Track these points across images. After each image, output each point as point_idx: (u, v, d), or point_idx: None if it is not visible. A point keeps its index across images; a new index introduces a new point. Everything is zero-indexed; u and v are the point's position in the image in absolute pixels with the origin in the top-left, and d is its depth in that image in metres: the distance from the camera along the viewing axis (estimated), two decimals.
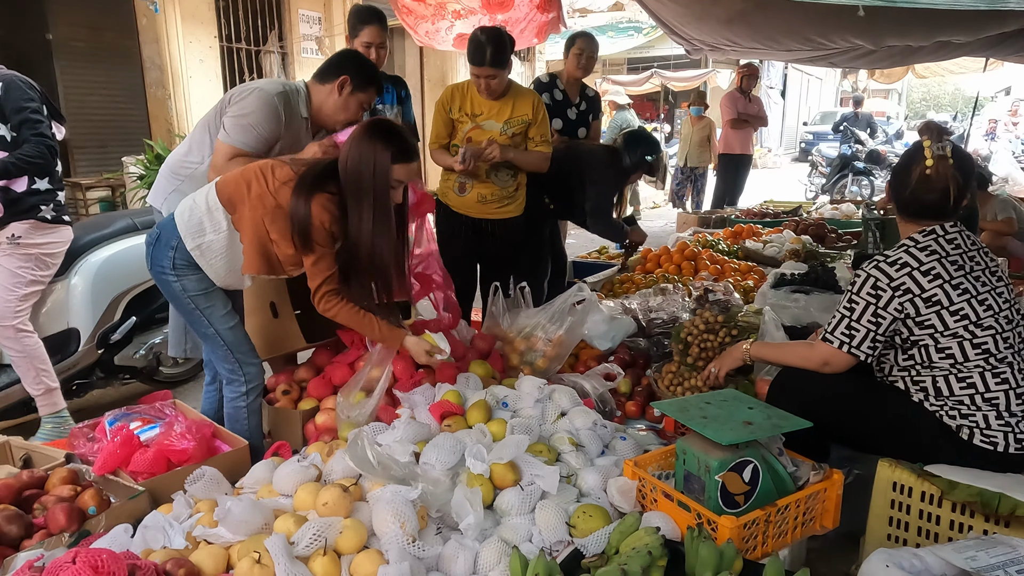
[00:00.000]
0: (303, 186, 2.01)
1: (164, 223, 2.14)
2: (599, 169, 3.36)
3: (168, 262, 2.09)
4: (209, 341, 2.20)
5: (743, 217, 6.28)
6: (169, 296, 2.18)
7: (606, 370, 2.61)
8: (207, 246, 2.08)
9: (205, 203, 2.09)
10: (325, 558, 1.48)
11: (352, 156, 2.03)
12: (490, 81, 2.88)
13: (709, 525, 1.58)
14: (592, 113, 3.79)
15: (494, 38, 2.86)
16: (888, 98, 27.12)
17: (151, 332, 3.25)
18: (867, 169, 10.94)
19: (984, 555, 1.39)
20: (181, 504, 1.79)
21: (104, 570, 1.23)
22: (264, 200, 2.05)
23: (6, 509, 1.75)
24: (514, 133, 2.99)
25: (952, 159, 1.79)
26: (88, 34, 7.57)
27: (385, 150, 2.02)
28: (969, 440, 1.75)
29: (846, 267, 3.87)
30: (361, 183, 2.03)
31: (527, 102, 3.01)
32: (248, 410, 2.25)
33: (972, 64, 9.10)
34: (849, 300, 1.85)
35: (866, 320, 1.82)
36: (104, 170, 7.64)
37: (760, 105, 7.53)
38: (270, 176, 2.06)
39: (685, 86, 16.89)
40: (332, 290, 2.11)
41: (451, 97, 3.03)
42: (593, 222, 3.47)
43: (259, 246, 2.09)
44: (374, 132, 2.06)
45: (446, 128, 3.04)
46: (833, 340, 1.87)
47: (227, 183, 2.10)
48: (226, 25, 8.38)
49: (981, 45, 5.51)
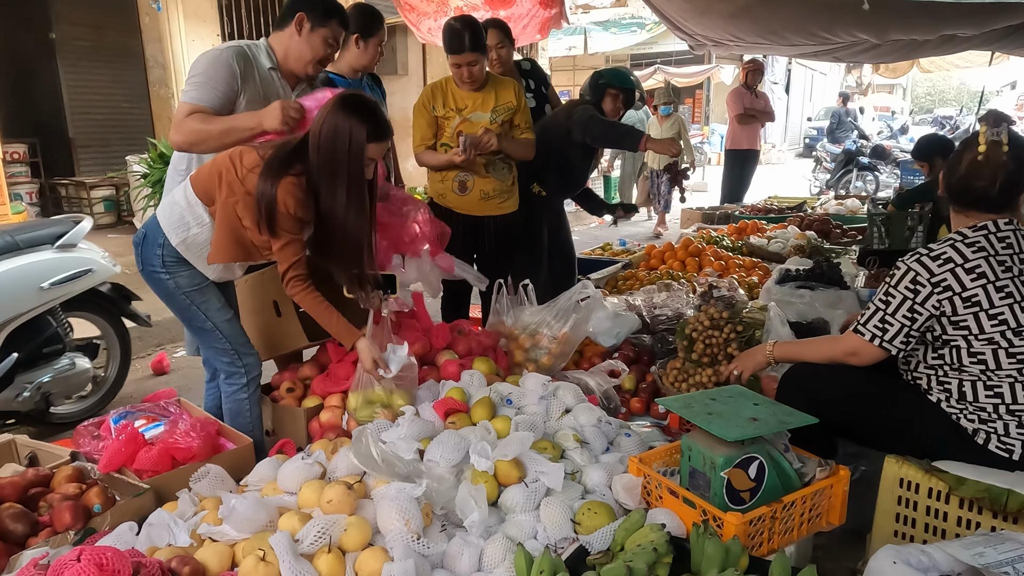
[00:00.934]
0: (269, 171, 1.97)
1: (148, 222, 2.14)
2: (567, 114, 3.28)
3: (158, 260, 2.09)
4: (207, 336, 2.20)
5: (747, 213, 6.26)
6: (163, 295, 2.18)
7: (610, 367, 2.61)
8: (192, 240, 2.08)
9: (184, 198, 2.09)
10: (330, 555, 1.48)
11: (326, 131, 1.96)
12: (472, 68, 2.83)
13: (715, 522, 1.57)
14: (541, 84, 3.64)
15: (469, 23, 2.83)
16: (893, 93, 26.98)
17: (38, 370, 2.85)
18: (871, 164, 10.90)
19: (992, 551, 1.38)
20: (186, 502, 1.79)
21: (109, 568, 1.23)
22: (234, 187, 2.03)
23: (12, 507, 1.76)
24: (503, 121, 2.96)
25: (1008, 146, 1.70)
26: (91, 33, 7.59)
27: (361, 126, 1.96)
28: (984, 445, 1.71)
29: (851, 263, 3.86)
30: (336, 159, 1.97)
31: (508, 89, 2.98)
32: (250, 402, 2.26)
33: (978, 58, 9.05)
34: (886, 293, 1.78)
35: (901, 315, 1.75)
36: (108, 169, 7.67)
37: (766, 100, 7.51)
38: (238, 163, 2.05)
39: (688, 82, 16.87)
40: (299, 275, 2.08)
41: (432, 96, 2.94)
42: (587, 131, 3.21)
43: (231, 233, 2.07)
44: (350, 107, 1.98)
45: (431, 128, 2.96)
46: (865, 332, 1.80)
47: (201, 176, 2.10)
48: (228, 23, 8.38)
49: (987, 39, 5.47)
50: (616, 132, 3.35)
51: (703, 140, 16.85)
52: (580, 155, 3.38)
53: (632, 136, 3.26)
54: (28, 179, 7.25)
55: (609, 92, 3.38)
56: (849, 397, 1.90)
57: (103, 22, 7.66)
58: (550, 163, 3.31)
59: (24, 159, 7.21)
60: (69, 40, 7.43)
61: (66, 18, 7.39)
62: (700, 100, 20.45)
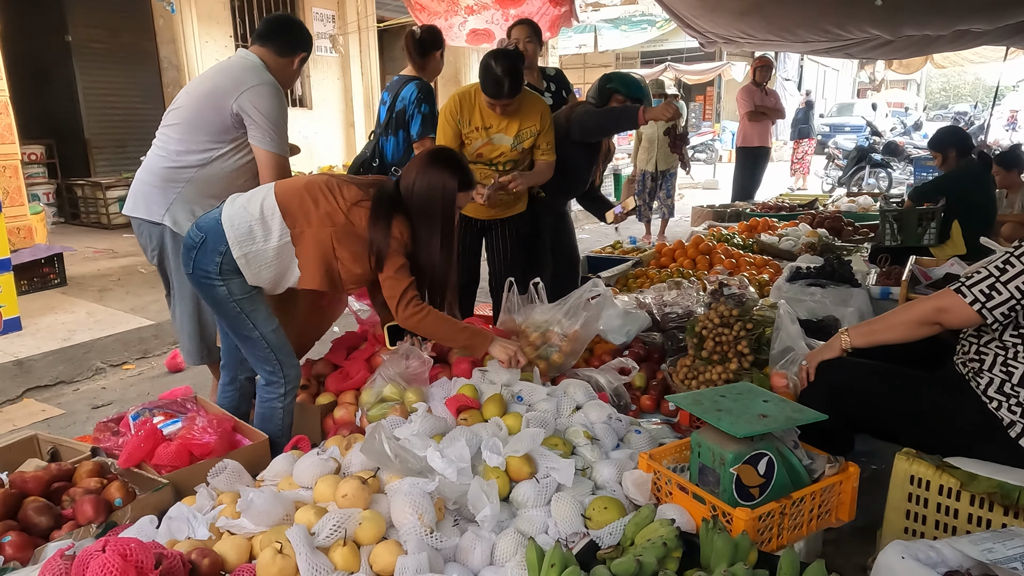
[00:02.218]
0: (381, 210, 2.07)
1: (209, 227, 2.08)
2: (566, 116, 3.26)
3: (215, 267, 2.06)
4: (252, 344, 2.18)
5: (759, 211, 6.24)
6: (211, 301, 2.16)
7: (621, 364, 2.62)
8: (254, 255, 2.05)
9: (260, 210, 2.06)
10: (345, 548, 1.51)
11: (420, 183, 2.11)
12: (507, 107, 2.85)
13: (724, 517, 1.59)
14: (563, 89, 3.68)
15: (510, 70, 2.75)
16: (907, 89, 26.73)
17: None
18: (884, 161, 10.82)
19: (1001, 547, 1.38)
20: (204, 496, 1.82)
21: (132, 558, 1.26)
22: (334, 218, 2.07)
23: (36, 501, 1.80)
24: (524, 148, 2.97)
25: None
26: (106, 36, 7.68)
27: (452, 178, 2.13)
28: (1016, 440, 1.71)
29: (863, 260, 3.84)
30: (431, 208, 2.12)
31: (535, 111, 2.97)
32: (284, 411, 2.26)
33: (992, 53, 8.96)
34: (1004, 261, 1.70)
35: (1014, 286, 1.68)
36: (123, 170, 7.75)
37: (776, 98, 7.48)
38: (338, 194, 2.09)
39: (699, 79, 16.79)
40: (415, 296, 2.14)
41: (459, 108, 2.93)
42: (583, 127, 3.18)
43: (323, 263, 2.10)
44: (441, 161, 2.16)
45: (456, 140, 2.96)
46: (968, 295, 1.72)
47: (289, 195, 2.09)
48: (241, 24, 8.46)
49: (1001, 34, 5.43)
50: (610, 117, 3.25)
51: (714, 137, 16.79)
52: (580, 156, 3.35)
53: (628, 115, 3.18)
54: (45, 180, 7.34)
55: (616, 98, 3.33)
56: (876, 385, 1.88)
57: (118, 24, 7.74)
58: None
59: (41, 160, 7.30)
60: (85, 43, 7.52)
61: (82, 21, 7.47)
62: (711, 97, 20.37)
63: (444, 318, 2.22)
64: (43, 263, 4.82)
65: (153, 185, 2.53)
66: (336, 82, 9.57)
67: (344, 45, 9.54)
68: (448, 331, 2.26)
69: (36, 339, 3.86)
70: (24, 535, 1.68)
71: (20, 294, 4.23)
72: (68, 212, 7.66)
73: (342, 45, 9.52)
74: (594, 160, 3.49)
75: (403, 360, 2.26)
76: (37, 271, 4.79)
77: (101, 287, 5.00)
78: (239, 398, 2.44)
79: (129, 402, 3.29)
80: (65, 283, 4.96)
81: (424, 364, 2.26)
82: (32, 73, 7.38)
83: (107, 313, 4.37)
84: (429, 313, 2.16)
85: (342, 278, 2.16)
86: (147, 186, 2.55)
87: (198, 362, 2.78)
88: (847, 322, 2.83)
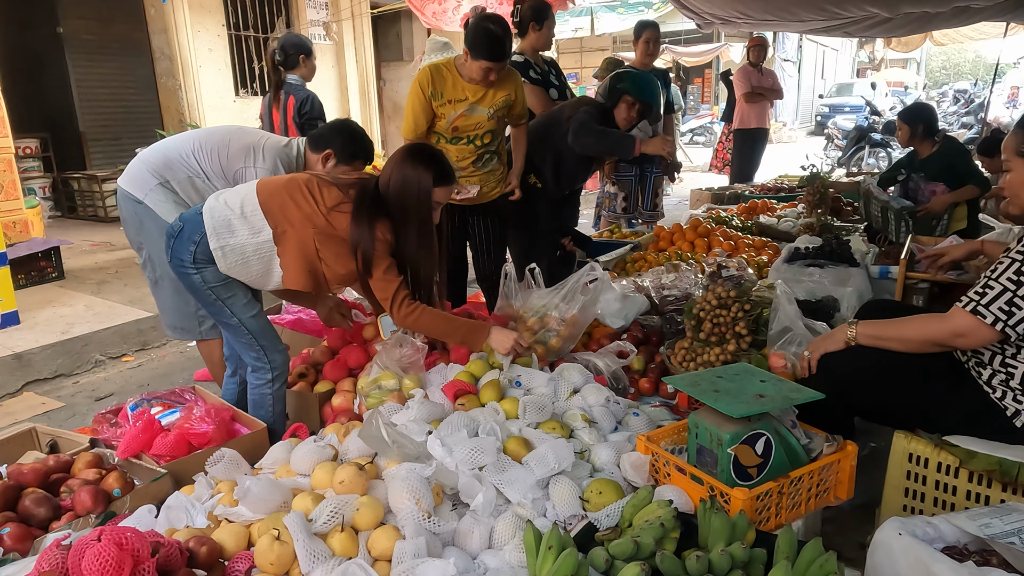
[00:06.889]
0: (362, 214, 2.04)
1: (189, 216, 2.10)
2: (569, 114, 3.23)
3: (188, 256, 2.07)
4: (233, 331, 2.20)
5: (757, 193, 6.20)
6: (191, 289, 2.17)
7: (619, 348, 2.61)
8: (231, 248, 2.05)
9: (240, 206, 2.06)
10: (343, 534, 1.51)
11: (395, 180, 2.08)
12: (500, 72, 2.81)
13: (722, 497, 1.59)
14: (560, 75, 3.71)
15: (506, 30, 2.75)
16: (906, 67, 26.51)
17: None
18: (884, 141, 10.76)
19: (998, 522, 1.38)
20: (202, 485, 1.82)
21: (128, 547, 1.26)
22: (314, 219, 2.05)
23: (35, 492, 1.81)
24: (500, 117, 2.94)
25: None
26: (98, 27, 7.61)
27: (427, 173, 2.08)
28: (1022, 428, 1.68)
29: (861, 240, 3.82)
30: (406, 205, 2.08)
31: (510, 81, 2.93)
32: (273, 397, 2.26)
33: (992, 29, 8.88)
34: (1016, 271, 1.61)
35: None
36: (119, 162, 7.72)
37: (774, 78, 7.41)
38: (319, 195, 2.06)
39: (697, 61, 16.65)
40: (407, 295, 2.13)
41: (430, 81, 2.80)
42: (576, 139, 3.16)
43: (306, 263, 2.09)
44: (415, 156, 2.11)
45: (425, 115, 2.85)
46: (986, 315, 1.62)
47: (270, 193, 2.08)
48: (233, 13, 8.39)
49: (1001, 9, 5.36)
50: (606, 141, 3.22)
51: (712, 120, 16.68)
52: (575, 157, 3.30)
53: (624, 144, 3.20)
54: (40, 173, 7.31)
55: (625, 99, 3.27)
56: (878, 376, 1.84)
57: (109, 15, 7.67)
58: (547, 159, 3.30)
59: (36, 153, 7.27)
60: (76, 34, 7.46)
61: (73, 12, 7.41)
62: (709, 79, 20.22)
63: (439, 314, 2.20)
64: (40, 257, 4.82)
65: (148, 163, 2.54)
66: (331, 70, 9.50)
67: (338, 32, 9.46)
68: (445, 327, 2.24)
69: (35, 333, 3.86)
70: (23, 526, 1.68)
71: (18, 288, 4.23)
72: (65, 206, 7.64)
73: (336, 32, 9.44)
74: (589, 163, 3.46)
75: (397, 348, 2.25)
76: (34, 265, 4.79)
77: (99, 280, 5.00)
78: (241, 391, 2.45)
79: (130, 394, 3.29)
80: (63, 276, 4.96)
81: (418, 351, 2.25)
82: (24, 66, 7.34)
83: (105, 306, 4.37)
84: (424, 312, 2.14)
85: (327, 278, 2.14)
86: (144, 164, 2.56)
87: (176, 337, 2.79)
88: (846, 302, 2.81)
